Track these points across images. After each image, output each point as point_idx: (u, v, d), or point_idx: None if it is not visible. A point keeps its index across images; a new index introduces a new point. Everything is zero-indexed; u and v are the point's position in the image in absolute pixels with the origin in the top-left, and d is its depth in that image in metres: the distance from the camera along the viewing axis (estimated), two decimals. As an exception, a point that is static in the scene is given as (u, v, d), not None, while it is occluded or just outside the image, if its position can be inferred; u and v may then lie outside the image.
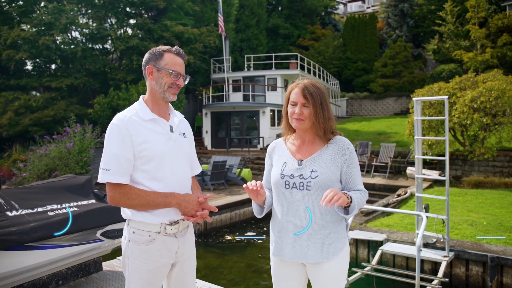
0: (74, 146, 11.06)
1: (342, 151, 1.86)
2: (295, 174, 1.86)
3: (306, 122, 1.86)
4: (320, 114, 1.84)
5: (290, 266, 1.91)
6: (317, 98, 1.84)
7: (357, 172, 1.89)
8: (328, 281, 1.85)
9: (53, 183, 3.46)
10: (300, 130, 1.91)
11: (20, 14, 17.14)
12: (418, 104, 5.25)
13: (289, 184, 1.86)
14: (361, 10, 40.47)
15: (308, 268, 1.89)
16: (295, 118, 1.87)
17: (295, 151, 1.94)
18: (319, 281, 1.86)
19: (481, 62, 19.73)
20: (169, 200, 1.78)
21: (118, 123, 1.77)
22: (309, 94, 1.83)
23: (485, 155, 10.02)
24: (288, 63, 22.22)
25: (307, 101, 1.84)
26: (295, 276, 1.93)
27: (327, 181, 1.81)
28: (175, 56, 1.86)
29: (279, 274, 1.96)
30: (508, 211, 6.96)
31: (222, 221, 9.19)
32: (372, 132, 16.95)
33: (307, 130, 1.90)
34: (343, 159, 1.86)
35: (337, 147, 1.87)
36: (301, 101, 1.85)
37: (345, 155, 1.86)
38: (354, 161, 1.88)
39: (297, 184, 1.84)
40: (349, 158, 1.86)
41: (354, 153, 1.90)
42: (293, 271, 1.92)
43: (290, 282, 1.95)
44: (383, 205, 8.18)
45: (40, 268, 2.89)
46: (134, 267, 1.80)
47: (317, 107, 1.83)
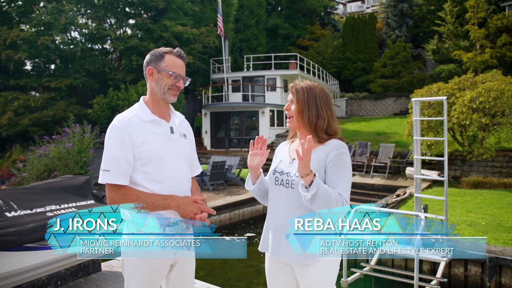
0: (74, 146, 11.05)
1: (331, 152, 1.82)
2: (285, 171, 1.91)
3: (293, 120, 1.92)
4: (305, 111, 1.86)
5: (279, 264, 1.93)
6: (302, 95, 1.88)
7: (342, 175, 1.79)
8: (313, 284, 1.83)
9: (52, 184, 3.46)
10: (291, 128, 1.98)
11: (19, 14, 17.14)
12: (417, 105, 5.27)
13: (278, 181, 1.91)
14: (361, 10, 40.47)
15: (295, 269, 1.89)
16: (286, 115, 1.95)
17: (293, 151, 1.98)
18: (304, 284, 1.86)
19: (480, 63, 19.74)
20: (168, 202, 1.78)
21: (118, 124, 1.77)
22: (295, 90, 1.90)
23: (484, 156, 10.02)
24: (287, 63, 22.21)
25: (293, 97, 1.91)
26: (283, 275, 1.95)
27: None
28: (176, 58, 1.87)
29: (269, 270, 2.00)
30: (507, 212, 6.97)
31: (221, 221, 9.19)
32: (372, 132, 16.95)
33: (301, 129, 1.94)
34: (329, 159, 1.81)
35: (327, 149, 1.85)
36: (290, 97, 1.94)
37: (332, 156, 1.81)
38: (341, 163, 1.80)
39: (284, 181, 1.89)
40: (336, 159, 1.80)
41: (344, 157, 1.82)
42: (282, 269, 1.94)
43: (279, 281, 1.96)
44: (382, 206, 8.19)
45: (39, 269, 2.90)
46: (133, 268, 1.81)
47: (301, 104, 1.87)
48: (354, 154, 13.11)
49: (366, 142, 13.41)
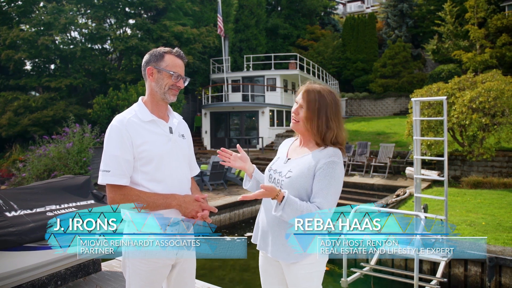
0: (73, 146, 11.05)
1: (322, 159, 1.79)
2: (278, 170, 1.92)
3: (300, 124, 1.88)
4: (314, 120, 1.82)
5: (270, 261, 1.96)
6: (313, 104, 1.82)
7: (327, 185, 1.75)
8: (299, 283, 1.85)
9: (52, 184, 3.46)
10: (295, 131, 1.96)
11: (19, 14, 17.14)
12: (417, 105, 5.27)
13: (271, 178, 1.93)
14: (361, 10, 40.47)
15: (282, 266, 1.91)
16: (292, 118, 1.91)
17: (292, 150, 1.98)
18: (290, 282, 1.89)
19: (480, 63, 19.74)
20: (169, 201, 1.78)
21: (117, 125, 1.77)
22: (307, 97, 1.84)
23: (484, 156, 10.02)
24: (287, 63, 22.21)
25: (303, 103, 1.86)
26: (271, 270, 1.98)
27: (297, 183, 1.80)
28: (176, 57, 1.87)
29: (261, 265, 2.03)
30: (507, 211, 6.97)
31: (221, 221, 9.19)
32: (371, 132, 16.95)
33: (305, 135, 1.91)
34: (319, 166, 1.78)
35: (320, 155, 1.82)
36: (299, 102, 1.88)
37: (322, 163, 1.78)
38: (329, 173, 1.76)
39: (276, 180, 1.90)
40: (324, 167, 1.77)
41: (334, 166, 1.78)
42: (270, 264, 1.97)
43: (269, 275, 1.99)
44: (382, 206, 8.19)
45: (39, 269, 2.90)
46: (134, 268, 1.81)
47: (311, 112, 1.82)
48: (354, 154, 13.11)
49: (366, 142, 13.41)
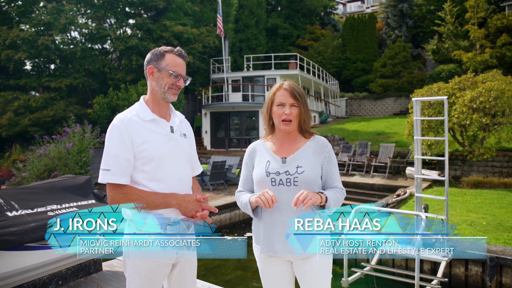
0: (74, 146, 11.05)
1: (322, 148, 1.96)
2: (281, 171, 1.91)
3: (293, 123, 1.93)
4: (307, 112, 1.95)
5: (278, 262, 1.95)
6: (303, 98, 1.94)
7: (336, 170, 1.97)
8: (316, 273, 1.90)
9: (53, 184, 3.46)
10: (289, 132, 1.96)
11: (19, 14, 17.14)
12: (418, 105, 5.27)
13: (275, 181, 1.90)
14: (361, 10, 40.46)
15: (294, 264, 1.92)
16: (283, 121, 1.92)
17: (277, 150, 1.98)
18: (306, 274, 1.90)
19: (480, 62, 19.73)
20: (169, 200, 1.78)
21: (118, 124, 1.77)
22: (297, 94, 1.92)
23: (485, 155, 10.02)
24: (287, 63, 22.21)
25: (296, 101, 1.92)
26: (283, 273, 1.97)
27: (312, 176, 1.89)
28: (177, 57, 1.87)
29: (267, 270, 1.99)
30: (507, 211, 6.97)
31: (221, 221, 9.19)
32: (372, 132, 16.94)
33: (293, 129, 1.97)
34: (323, 156, 1.95)
35: (317, 145, 1.97)
36: (289, 101, 1.92)
37: (325, 152, 1.96)
38: (333, 159, 1.97)
39: (284, 180, 1.89)
40: (328, 155, 1.96)
41: (332, 151, 1.99)
42: (281, 267, 1.96)
43: (278, 279, 1.98)
44: (383, 205, 8.19)
45: (40, 268, 2.90)
46: (135, 267, 1.81)
47: (303, 106, 1.93)
48: (354, 154, 13.10)
49: (366, 142, 13.41)
